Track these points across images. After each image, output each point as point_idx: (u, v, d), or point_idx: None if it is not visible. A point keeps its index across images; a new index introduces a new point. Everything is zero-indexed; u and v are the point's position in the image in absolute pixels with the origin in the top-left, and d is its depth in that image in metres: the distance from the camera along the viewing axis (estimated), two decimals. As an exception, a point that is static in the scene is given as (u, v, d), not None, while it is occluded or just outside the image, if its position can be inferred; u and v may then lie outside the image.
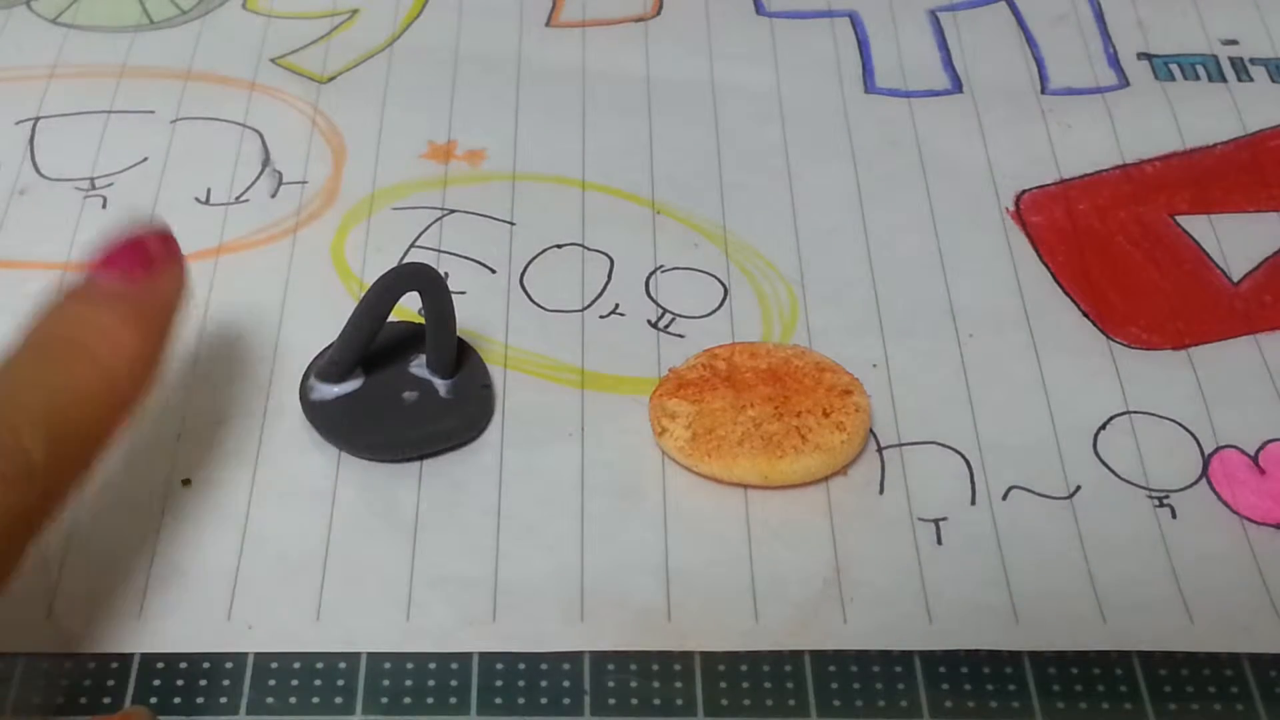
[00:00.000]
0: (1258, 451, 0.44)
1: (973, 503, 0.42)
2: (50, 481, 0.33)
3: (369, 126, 0.53)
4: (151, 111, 0.53)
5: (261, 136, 0.52)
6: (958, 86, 0.55)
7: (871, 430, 0.44)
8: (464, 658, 0.39)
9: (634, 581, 0.40)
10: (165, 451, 0.43)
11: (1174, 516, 0.42)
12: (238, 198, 0.50)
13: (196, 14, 0.57)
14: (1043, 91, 0.55)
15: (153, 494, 0.42)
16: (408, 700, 0.38)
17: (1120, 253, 0.49)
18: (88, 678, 0.38)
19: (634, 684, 0.38)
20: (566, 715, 0.38)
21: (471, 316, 0.46)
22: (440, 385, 0.44)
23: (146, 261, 0.38)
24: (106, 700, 0.38)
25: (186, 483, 0.42)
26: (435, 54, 0.56)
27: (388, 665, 0.39)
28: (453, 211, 0.50)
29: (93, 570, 0.40)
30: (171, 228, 0.39)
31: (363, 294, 0.43)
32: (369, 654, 0.39)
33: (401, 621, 0.39)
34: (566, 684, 0.38)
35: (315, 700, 0.38)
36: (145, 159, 0.51)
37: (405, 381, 0.44)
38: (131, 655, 0.39)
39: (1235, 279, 0.49)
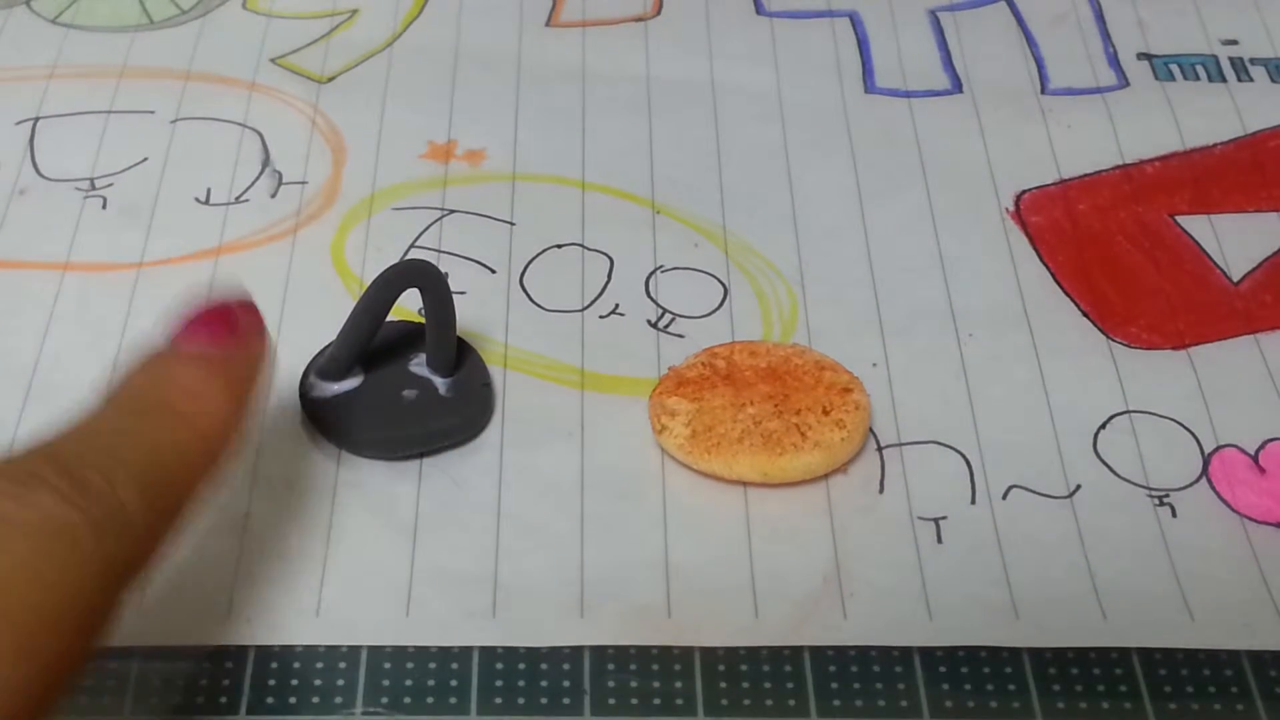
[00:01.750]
0: (1258, 451, 0.44)
1: (973, 502, 0.42)
2: (145, 533, 0.33)
3: (369, 126, 0.53)
4: (151, 111, 0.53)
5: (261, 136, 0.52)
6: (958, 86, 0.55)
7: (871, 429, 0.44)
8: (464, 655, 0.39)
9: (634, 578, 0.40)
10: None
11: (1174, 516, 0.42)
12: (238, 198, 0.50)
13: (196, 14, 0.57)
14: (1043, 91, 0.55)
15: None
16: (408, 700, 0.38)
17: (1120, 253, 0.49)
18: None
19: (634, 684, 0.38)
20: (566, 715, 0.38)
21: (471, 317, 0.46)
22: (440, 383, 0.44)
23: (231, 328, 0.37)
24: (103, 700, 0.38)
25: None
26: (435, 54, 0.56)
27: (388, 665, 0.38)
28: (452, 212, 0.50)
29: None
30: (253, 298, 0.39)
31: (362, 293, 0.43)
32: (369, 648, 0.39)
33: (401, 616, 0.39)
34: (566, 684, 0.38)
35: (315, 696, 0.38)
36: (145, 159, 0.51)
37: (405, 380, 0.44)
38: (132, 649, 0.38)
39: (1235, 279, 0.49)
